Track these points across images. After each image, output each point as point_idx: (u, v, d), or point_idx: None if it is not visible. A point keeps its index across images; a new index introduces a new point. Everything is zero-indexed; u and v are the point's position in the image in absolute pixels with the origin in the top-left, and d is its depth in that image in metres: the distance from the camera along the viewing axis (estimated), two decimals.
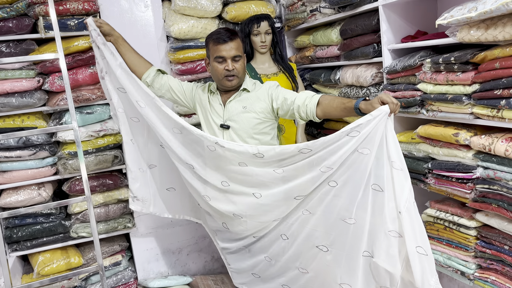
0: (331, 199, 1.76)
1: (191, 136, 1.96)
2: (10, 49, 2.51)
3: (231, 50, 1.91)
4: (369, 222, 1.69)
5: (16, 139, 2.56)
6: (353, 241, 1.74)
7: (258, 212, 1.93)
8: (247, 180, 1.90)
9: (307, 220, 1.86)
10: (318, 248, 1.85)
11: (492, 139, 1.68)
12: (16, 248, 2.69)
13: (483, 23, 1.61)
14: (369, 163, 1.63)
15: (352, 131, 1.61)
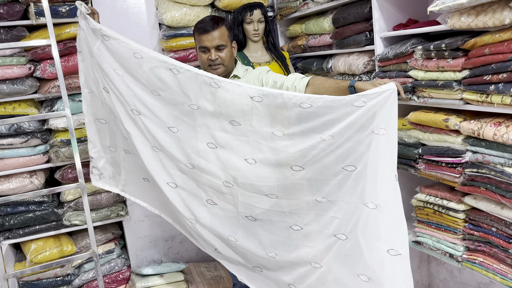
0: (351, 184, 1.59)
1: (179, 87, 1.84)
2: (1, 36, 2.49)
3: (213, 40, 1.90)
4: (392, 212, 1.54)
5: (8, 127, 2.54)
6: (375, 228, 1.56)
7: (250, 179, 1.78)
8: (239, 143, 1.77)
9: (323, 207, 1.69)
10: (336, 237, 1.67)
11: (481, 124, 1.73)
12: (8, 236, 2.68)
13: (474, 10, 1.64)
14: (388, 145, 1.51)
15: (358, 100, 1.47)
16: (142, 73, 1.89)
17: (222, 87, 1.73)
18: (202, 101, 1.80)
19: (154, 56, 1.85)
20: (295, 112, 1.60)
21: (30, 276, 2.70)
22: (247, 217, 1.85)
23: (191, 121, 1.86)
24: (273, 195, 1.77)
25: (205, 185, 1.91)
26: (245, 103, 1.70)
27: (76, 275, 2.84)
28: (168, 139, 1.93)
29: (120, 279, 2.95)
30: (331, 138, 1.56)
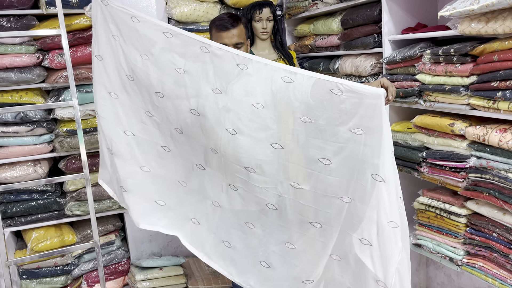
0: (325, 177, 1.61)
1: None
2: (11, 24, 2.49)
3: (233, 38, 1.89)
4: (367, 209, 1.56)
5: (14, 115, 2.55)
6: (350, 220, 1.61)
7: (233, 149, 1.76)
8: (222, 112, 1.76)
9: (298, 193, 1.71)
10: (312, 225, 1.71)
11: (486, 130, 1.74)
12: (10, 224, 2.69)
13: (484, 16, 1.66)
14: (363, 146, 1.50)
15: (336, 88, 1.47)
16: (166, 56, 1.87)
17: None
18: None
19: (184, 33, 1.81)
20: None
21: (30, 264, 2.71)
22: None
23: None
24: (296, 183, 1.73)
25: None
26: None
27: (75, 265, 2.85)
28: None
29: (119, 271, 2.97)
30: (309, 121, 1.57)
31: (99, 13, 1.95)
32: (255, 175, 1.76)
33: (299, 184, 1.71)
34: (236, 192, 1.84)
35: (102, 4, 1.93)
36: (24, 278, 2.74)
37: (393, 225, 1.53)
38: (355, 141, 1.52)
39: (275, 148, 1.70)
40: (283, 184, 1.74)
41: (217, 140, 1.81)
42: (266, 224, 1.83)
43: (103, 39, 1.98)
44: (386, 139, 1.50)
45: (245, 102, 1.71)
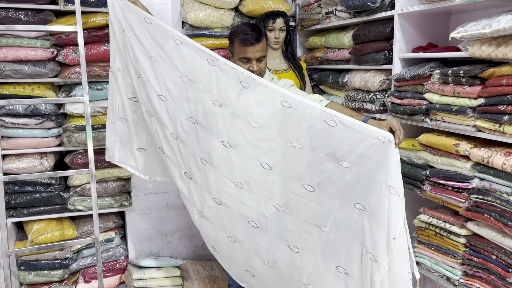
0: (307, 203, 1.68)
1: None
2: (29, 18, 2.54)
3: (257, 52, 1.90)
4: (346, 237, 1.62)
5: (25, 107, 2.59)
6: (326, 250, 1.68)
7: (226, 162, 1.82)
8: (219, 125, 1.81)
9: (280, 216, 1.76)
10: (289, 248, 1.77)
11: (491, 152, 1.76)
12: (12, 214, 2.72)
13: (495, 41, 1.68)
14: (346, 177, 1.55)
15: (331, 119, 1.53)
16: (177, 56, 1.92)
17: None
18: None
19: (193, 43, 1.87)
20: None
21: (29, 255, 2.73)
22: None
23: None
24: (279, 205, 1.79)
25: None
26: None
27: (74, 259, 2.86)
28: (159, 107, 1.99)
29: (116, 269, 2.98)
30: (300, 147, 1.61)
31: (114, 9, 2.01)
32: (243, 190, 1.81)
33: (282, 207, 1.76)
34: (220, 206, 1.89)
35: (119, 1, 1.99)
36: (22, 269, 2.76)
37: (371, 257, 1.57)
38: (340, 173, 1.57)
39: (263, 167, 1.76)
40: (267, 204, 1.79)
41: (211, 150, 1.86)
42: (246, 240, 1.88)
43: (119, 33, 2.05)
44: (384, 179, 1.51)
45: (242, 118, 1.76)
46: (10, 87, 2.60)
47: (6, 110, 2.57)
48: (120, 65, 2.13)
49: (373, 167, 1.52)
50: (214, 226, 1.96)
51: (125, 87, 2.17)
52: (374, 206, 1.54)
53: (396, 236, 1.51)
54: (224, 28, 2.99)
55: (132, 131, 2.24)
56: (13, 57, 2.53)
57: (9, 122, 2.59)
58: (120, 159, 2.30)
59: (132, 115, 2.21)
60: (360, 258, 1.61)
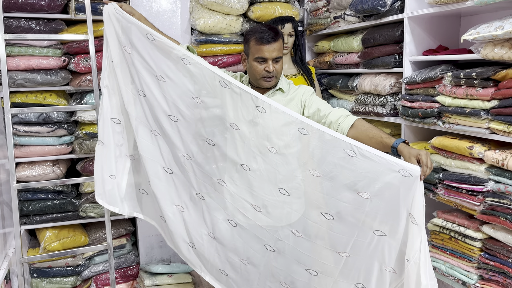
0: (325, 231, 1.67)
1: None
2: (40, 27, 2.57)
3: (273, 52, 1.82)
4: (365, 259, 1.63)
5: (37, 115, 2.62)
6: (345, 271, 1.68)
7: (245, 184, 1.78)
8: (239, 148, 1.77)
9: (298, 241, 1.74)
10: (307, 271, 1.76)
11: (506, 154, 1.74)
12: (25, 222, 2.74)
13: (508, 42, 1.67)
14: (366, 208, 1.55)
15: (350, 149, 1.52)
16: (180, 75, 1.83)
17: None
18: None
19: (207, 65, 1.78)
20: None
21: (42, 263, 2.75)
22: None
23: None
24: (296, 231, 1.77)
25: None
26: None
27: (86, 266, 2.88)
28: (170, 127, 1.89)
29: (128, 275, 2.99)
30: (318, 175, 1.59)
31: (111, 22, 1.88)
32: (260, 214, 1.78)
33: (300, 233, 1.74)
34: (234, 228, 1.85)
35: (116, 13, 1.86)
36: (35, 277, 2.77)
37: (391, 270, 1.59)
38: (359, 204, 1.56)
39: (281, 193, 1.73)
40: (283, 229, 1.77)
41: (231, 172, 1.81)
42: (261, 263, 1.85)
43: (115, 48, 1.91)
44: (405, 209, 1.50)
45: (260, 143, 1.72)
46: (23, 96, 2.63)
47: (19, 119, 2.60)
48: (108, 83, 1.96)
49: (393, 199, 1.51)
50: (226, 248, 1.90)
51: (110, 106, 1.98)
52: (394, 232, 1.55)
53: (409, 258, 1.52)
54: (233, 34, 3.00)
55: (111, 154, 2.02)
56: (25, 66, 2.56)
57: (21, 130, 2.62)
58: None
59: (112, 137, 2.01)
60: (378, 273, 1.62)
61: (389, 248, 1.57)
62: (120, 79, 1.93)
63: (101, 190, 2.01)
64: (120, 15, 1.85)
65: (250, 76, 1.94)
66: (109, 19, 1.89)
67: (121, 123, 2.00)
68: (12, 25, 2.52)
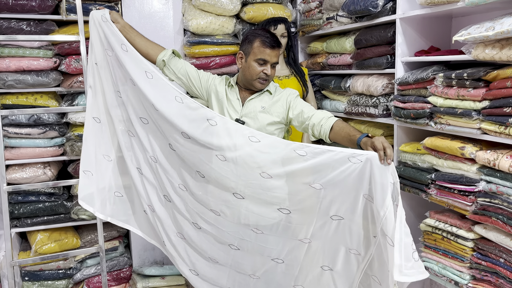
0: (285, 224, 1.80)
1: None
2: (31, 28, 2.55)
3: (274, 57, 1.94)
4: (327, 242, 1.76)
5: (28, 116, 2.59)
6: (309, 256, 1.81)
7: (200, 189, 1.91)
8: (181, 149, 1.89)
9: (260, 238, 1.86)
10: (273, 261, 1.88)
11: (497, 155, 1.75)
12: (16, 225, 2.71)
13: (499, 43, 1.68)
14: (319, 196, 1.69)
15: (301, 149, 1.67)
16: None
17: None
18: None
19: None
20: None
21: (33, 266, 2.72)
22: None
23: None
24: (256, 229, 1.88)
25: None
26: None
27: (78, 269, 2.85)
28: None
29: (120, 277, 2.97)
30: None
31: (95, 26, 2.01)
32: (220, 218, 1.90)
33: (259, 230, 1.87)
34: (200, 230, 1.97)
35: (101, 20, 1.99)
36: (26, 280, 2.75)
37: (355, 252, 1.71)
38: (312, 194, 1.71)
39: (236, 197, 1.85)
40: (244, 229, 1.88)
41: (190, 179, 1.93)
42: (228, 262, 1.96)
43: (99, 50, 2.03)
44: (358, 192, 1.63)
45: (210, 153, 1.84)
46: (13, 97, 2.60)
47: (9, 120, 2.58)
48: (92, 83, 2.07)
49: (346, 185, 1.64)
50: (193, 249, 2.02)
51: (94, 105, 2.08)
52: (351, 214, 1.67)
53: (376, 234, 1.61)
54: (226, 35, 3.00)
55: (90, 151, 2.09)
56: (16, 67, 2.54)
57: (12, 132, 2.59)
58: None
59: (93, 134, 2.08)
60: (344, 255, 1.74)
61: (350, 230, 1.69)
62: (104, 81, 2.05)
63: (80, 185, 2.10)
64: (105, 22, 1.98)
65: (244, 75, 2.00)
66: (94, 24, 2.01)
67: (101, 122, 2.08)
68: (2, 26, 2.50)
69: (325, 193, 1.68)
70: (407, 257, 1.51)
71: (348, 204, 1.67)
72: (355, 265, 1.72)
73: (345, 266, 1.75)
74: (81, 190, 2.09)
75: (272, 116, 1.98)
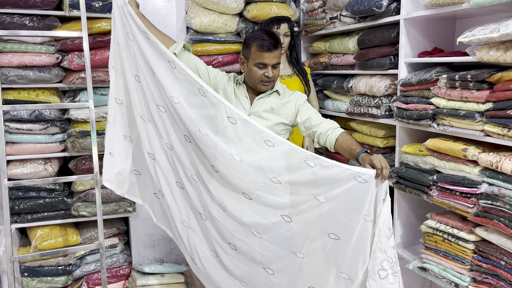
0: (284, 232, 1.82)
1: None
2: (34, 23, 2.54)
3: (273, 59, 1.92)
4: (319, 262, 1.79)
5: (29, 112, 2.59)
6: (300, 272, 1.83)
7: (211, 183, 1.92)
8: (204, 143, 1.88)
9: (257, 242, 1.88)
10: (264, 270, 1.90)
11: (500, 157, 1.74)
12: (16, 220, 2.70)
13: (503, 45, 1.67)
14: (322, 211, 1.72)
15: (311, 160, 1.70)
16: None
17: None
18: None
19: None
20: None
21: (33, 262, 2.72)
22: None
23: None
24: (256, 232, 1.89)
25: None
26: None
27: (77, 266, 2.85)
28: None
29: (120, 275, 2.96)
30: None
31: (117, 7, 1.99)
32: (225, 214, 1.92)
33: (259, 233, 1.88)
34: (205, 222, 2.00)
35: (123, 3, 1.98)
36: (26, 276, 2.74)
37: (345, 276, 1.74)
38: (315, 206, 1.73)
39: (245, 197, 1.87)
40: (245, 230, 1.89)
41: (203, 170, 1.94)
42: (224, 260, 1.98)
43: (121, 31, 2.02)
44: (360, 214, 1.66)
45: (226, 150, 1.84)
46: (15, 93, 2.60)
47: (11, 116, 2.57)
48: (114, 64, 2.08)
49: (350, 204, 1.67)
50: (197, 238, 2.04)
51: (116, 87, 2.09)
52: (349, 235, 1.70)
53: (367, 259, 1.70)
54: (229, 33, 2.99)
55: (113, 133, 2.13)
56: (18, 63, 2.53)
57: (13, 127, 2.58)
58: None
59: (114, 116, 2.11)
60: (334, 279, 1.77)
61: (344, 253, 1.72)
62: (124, 62, 2.04)
63: (104, 166, 2.12)
64: (126, 6, 1.97)
65: (248, 79, 2.02)
66: (116, 4, 1.99)
67: (123, 103, 2.09)
68: (5, 21, 2.49)
69: (328, 208, 1.71)
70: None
71: (346, 224, 1.70)
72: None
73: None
74: (105, 171, 2.11)
75: (281, 117, 2.00)
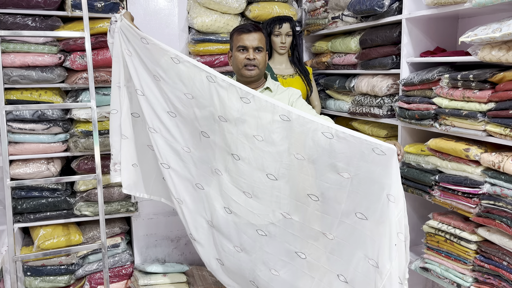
0: (312, 211, 1.75)
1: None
2: (36, 24, 2.55)
3: (254, 40, 1.93)
4: (349, 245, 1.70)
5: (32, 112, 2.60)
6: (331, 257, 1.75)
7: (235, 173, 1.88)
8: (228, 139, 1.86)
9: (287, 223, 1.82)
10: (296, 254, 1.84)
11: (502, 157, 1.74)
12: (19, 220, 2.72)
13: (505, 45, 1.67)
14: (347, 188, 1.63)
15: (328, 132, 1.62)
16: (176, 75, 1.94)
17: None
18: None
19: (191, 60, 1.89)
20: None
21: (35, 261, 2.73)
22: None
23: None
24: (286, 213, 1.84)
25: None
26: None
27: (80, 265, 2.86)
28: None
29: (122, 274, 2.97)
30: (302, 158, 1.67)
31: (116, 32, 2.05)
32: (251, 200, 1.87)
33: (289, 215, 1.82)
34: (230, 215, 1.93)
35: (119, 24, 2.03)
36: (28, 275, 2.75)
37: (374, 263, 1.64)
38: (341, 184, 1.65)
39: (269, 178, 1.82)
40: (275, 212, 1.84)
41: (225, 162, 1.90)
42: (253, 249, 1.91)
43: (118, 50, 2.07)
44: (383, 189, 1.57)
45: (247, 132, 1.82)
46: (18, 93, 2.61)
47: (14, 116, 2.58)
48: (124, 82, 2.13)
49: (371, 179, 1.58)
50: (223, 235, 1.97)
51: (130, 103, 2.15)
52: (374, 215, 1.61)
53: (397, 242, 1.59)
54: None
55: (133, 145, 2.20)
56: (21, 63, 2.54)
57: (16, 127, 2.59)
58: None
59: (133, 129, 2.18)
60: (361, 266, 1.68)
61: (372, 236, 1.62)
62: (134, 77, 2.05)
63: (126, 181, 2.20)
64: (121, 22, 2.03)
65: (234, 69, 2.03)
66: (110, 29, 2.09)
67: (140, 116, 2.13)
68: (7, 21, 2.50)
69: (352, 184, 1.62)
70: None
71: (371, 202, 1.60)
72: (372, 279, 1.65)
73: (361, 280, 1.68)
74: (125, 180, 2.19)
75: None
